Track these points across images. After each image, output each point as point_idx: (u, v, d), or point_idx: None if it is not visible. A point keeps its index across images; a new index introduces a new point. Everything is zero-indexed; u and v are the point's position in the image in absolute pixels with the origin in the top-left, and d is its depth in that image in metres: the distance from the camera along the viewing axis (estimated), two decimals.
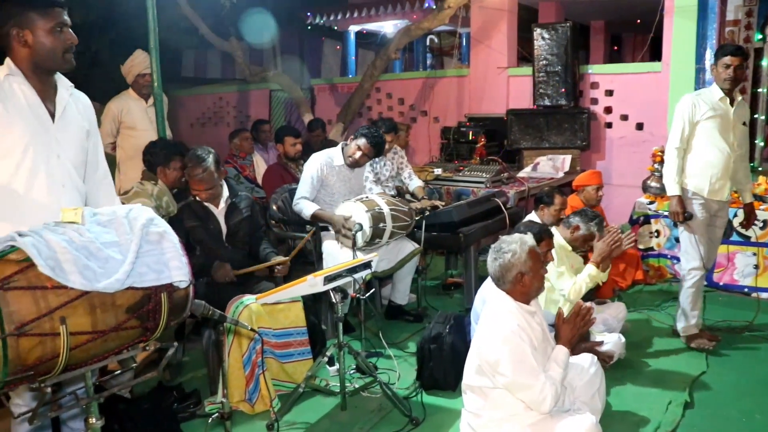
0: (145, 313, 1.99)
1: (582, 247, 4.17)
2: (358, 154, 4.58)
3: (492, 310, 2.84)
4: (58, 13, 2.45)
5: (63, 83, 2.64)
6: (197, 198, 3.86)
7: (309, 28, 11.42)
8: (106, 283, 1.86)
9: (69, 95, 2.64)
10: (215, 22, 8.65)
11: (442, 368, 3.77)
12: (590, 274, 3.81)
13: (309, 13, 10.59)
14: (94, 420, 2.11)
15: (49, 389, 1.90)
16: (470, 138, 7.19)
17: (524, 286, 2.82)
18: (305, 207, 4.48)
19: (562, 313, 3.01)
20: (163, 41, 4.50)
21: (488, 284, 2.95)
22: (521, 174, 6.58)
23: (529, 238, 2.91)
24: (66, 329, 1.80)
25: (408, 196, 5.51)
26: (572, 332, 2.90)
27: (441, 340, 3.79)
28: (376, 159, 5.35)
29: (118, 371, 2.78)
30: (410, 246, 4.65)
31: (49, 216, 2.19)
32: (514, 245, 2.82)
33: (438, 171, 6.39)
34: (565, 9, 10.37)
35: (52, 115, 2.54)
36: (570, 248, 4.14)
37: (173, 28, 8.29)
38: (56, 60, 2.49)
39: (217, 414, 2.75)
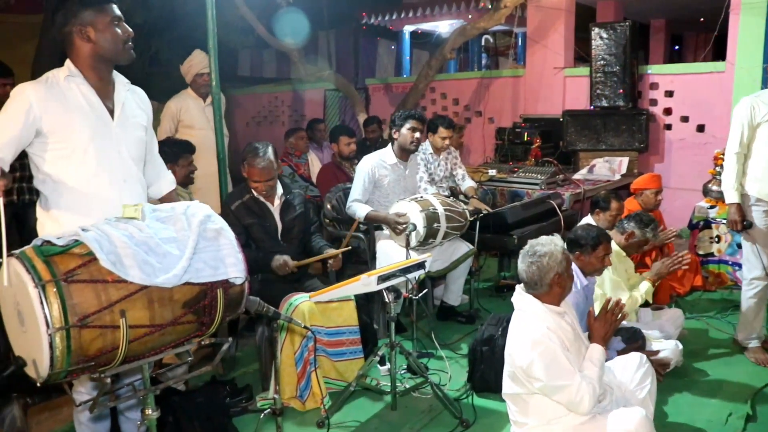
0: (201, 308, 2.03)
1: (636, 252, 4.09)
2: (417, 134, 4.62)
3: (520, 317, 2.79)
4: (111, 9, 2.55)
5: (120, 80, 2.71)
6: (255, 194, 3.90)
7: (364, 28, 11.47)
8: (164, 278, 1.90)
9: (126, 91, 2.71)
10: (272, 22, 8.75)
11: (494, 371, 3.72)
12: (646, 290, 3.81)
13: (364, 13, 10.63)
14: (150, 411, 2.16)
15: (108, 379, 1.95)
16: (525, 139, 7.10)
17: (560, 287, 2.77)
18: (358, 209, 4.50)
19: (593, 312, 2.95)
20: (220, 41, 4.56)
21: (517, 293, 2.89)
22: (577, 176, 6.48)
23: (557, 238, 2.86)
24: (125, 322, 1.85)
25: (461, 197, 5.48)
26: (605, 329, 2.84)
27: (493, 342, 3.75)
28: (430, 159, 5.34)
29: (174, 364, 2.85)
30: (464, 247, 4.62)
31: (112, 210, 2.25)
32: (549, 247, 2.77)
33: (492, 172, 6.33)
34: (625, 7, 10.16)
35: (111, 113, 2.61)
36: (624, 254, 4.06)
37: (230, 28, 8.43)
38: (118, 50, 2.57)
39: (269, 410, 2.77)
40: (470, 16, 9.33)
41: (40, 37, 8.47)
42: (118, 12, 2.57)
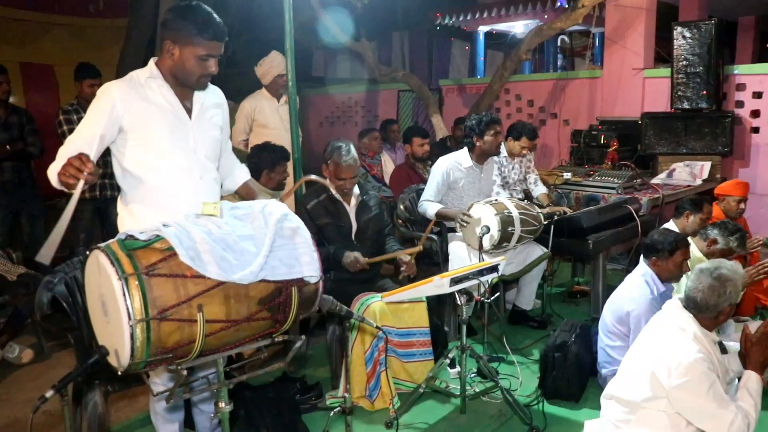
0: (275, 306, 2.05)
1: None
2: (500, 138, 4.73)
3: (673, 334, 2.64)
4: (214, 46, 2.54)
5: None
6: (332, 193, 3.93)
7: (438, 28, 11.42)
8: (241, 275, 1.93)
9: (205, 91, 2.75)
10: (346, 23, 8.83)
11: (566, 377, 3.66)
12: None
13: (438, 14, 10.58)
14: (223, 404, 2.19)
15: (185, 371, 1.99)
16: (602, 142, 6.92)
17: (725, 317, 2.65)
18: (429, 207, 4.49)
19: (750, 334, 2.71)
20: (295, 42, 4.62)
21: (674, 307, 2.75)
22: (655, 180, 6.27)
23: (739, 266, 2.71)
24: (202, 317, 1.88)
25: (534, 201, 5.40)
26: (764, 354, 2.64)
27: (566, 348, 3.68)
28: (504, 163, 5.28)
29: (247, 359, 2.90)
30: (538, 251, 4.55)
31: (189, 206, 2.31)
32: (734, 276, 2.61)
33: (567, 175, 6.21)
34: (710, 5, 9.78)
35: (189, 112, 2.67)
36: (706, 260, 3.90)
37: (305, 29, 8.54)
38: (189, 81, 2.60)
39: (338, 408, 2.78)
40: (546, 17, 9.16)
41: (125, 40, 8.78)
42: (215, 51, 2.55)
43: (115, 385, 2.98)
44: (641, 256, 3.63)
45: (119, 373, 1.89)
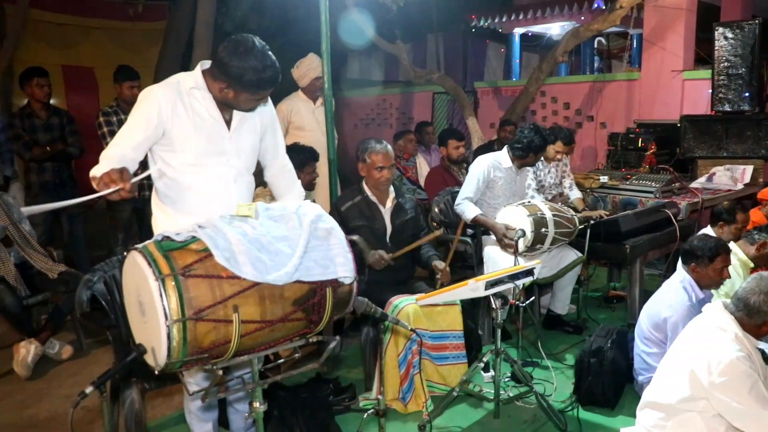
0: (310, 306, 2.05)
1: (766, 265, 3.85)
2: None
3: (713, 331, 2.62)
4: (264, 94, 2.57)
5: None
6: (367, 195, 3.94)
7: (473, 30, 11.37)
8: (275, 276, 1.94)
9: None
10: (381, 25, 8.84)
11: (602, 384, 3.61)
12: None
13: (473, 16, 10.53)
14: (258, 404, 2.20)
15: (220, 371, 2.01)
16: (639, 145, 6.83)
17: None
18: (467, 209, 4.46)
19: None
20: (330, 44, 4.65)
21: (718, 308, 2.71)
22: (694, 185, 6.16)
23: None
24: (238, 317, 1.90)
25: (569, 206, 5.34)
26: None
27: (602, 354, 3.64)
28: (540, 166, 5.24)
29: (281, 360, 2.91)
30: (573, 254, 4.50)
31: (221, 208, 2.32)
32: None
33: (604, 179, 6.13)
34: (753, 4, 9.56)
35: (228, 124, 2.67)
36: (752, 265, 3.83)
37: (340, 31, 8.59)
38: (240, 110, 2.65)
39: (372, 410, 2.78)
40: (583, 18, 9.06)
41: (163, 43, 8.92)
42: (262, 95, 2.57)
43: (151, 383, 3.03)
44: (679, 262, 3.57)
45: (156, 372, 1.92)
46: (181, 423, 3.39)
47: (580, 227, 4.40)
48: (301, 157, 4.26)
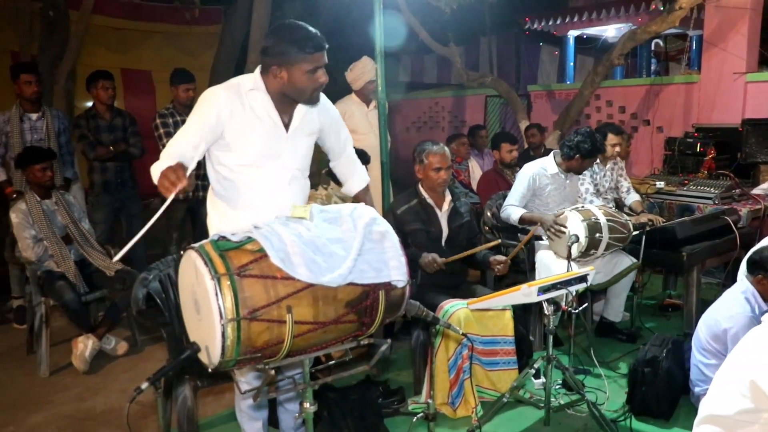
0: (362, 309, 2.05)
1: None
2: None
3: None
4: (318, 57, 2.55)
5: None
6: (424, 198, 3.94)
7: (527, 33, 11.27)
8: (329, 278, 1.94)
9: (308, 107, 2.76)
10: (434, 28, 8.83)
11: (656, 394, 3.53)
12: None
13: (527, 18, 10.43)
14: (308, 405, 2.22)
15: (272, 371, 2.03)
16: (698, 150, 6.63)
17: None
18: (513, 212, 4.43)
19: None
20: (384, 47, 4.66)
21: None
22: (756, 191, 5.95)
23: None
24: (292, 318, 1.91)
25: (626, 210, 5.23)
26: None
27: (657, 364, 3.55)
28: (596, 169, 5.15)
29: (332, 361, 2.92)
30: (627, 260, 4.41)
31: (275, 209, 2.34)
32: None
33: (660, 184, 5.99)
34: None
35: (287, 126, 2.70)
36: None
37: (393, 34, 8.61)
38: (303, 97, 2.64)
39: (421, 414, 2.77)
40: (640, 20, 8.88)
41: (218, 47, 9.08)
42: (320, 62, 2.57)
43: (203, 381, 3.08)
44: (741, 271, 3.46)
45: (209, 370, 1.94)
46: (231, 421, 3.44)
47: (635, 233, 4.31)
48: None
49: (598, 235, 4.05)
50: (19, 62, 6.73)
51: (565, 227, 4.05)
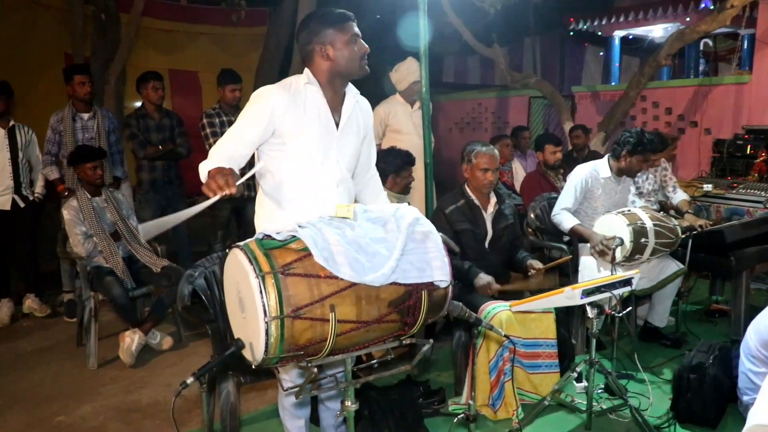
0: (405, 309, 2.06)
1: None
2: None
3: None
4: (350, 26, 2.63)
5: (351, 91, 2.80)
6: (471, 198, 3.94)
7: (571, 33, 11.15)
8: (372, 277, 1.95)
9: (355, 103, 2.79)
10: (478, 29, 8.80)
11: (702, 401, 3.45)
12: None
13: (572, 19, 10.32)
14: (349, 403, 2.23)
15: (315, 369, 2.05)
16: (748, 152, 6.50)
17: None
18: (565, 220, 4.38)
19: None
20: (428, 48, 4.66)
21: None
22: None
23: None
24: (334, 316, 1.92)
25: (672, 211, 5.14)
26: None
27: (703, 370, 3.47)
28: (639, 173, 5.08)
29: (374, 360, 2.93)
30: (674, 265, 4.33)
31: (324, 210, 2.36)
32: None
33: (708, 187, 5.88)
34: None
35: (337, 124, 2.73)
36: None
37: (437, 35, 8.61)
38: (355, 67, 2.67)
39: (462, 414, 2.77)
40: (689, 19, 8.72)
41: (263, 48, 9.19)
42: (356, 29, 2.66)
43: (246, 377, 3.12)
44: None
45: (253, 366, 1.97)
46: (273, 417, 3.48)
47: (683, 236, 4.23)
48: (398, 161, 4.30)
49: (643, 240, 3.98)
50: (73, 64, 6.92)
51: (611, 249, 3.98)
